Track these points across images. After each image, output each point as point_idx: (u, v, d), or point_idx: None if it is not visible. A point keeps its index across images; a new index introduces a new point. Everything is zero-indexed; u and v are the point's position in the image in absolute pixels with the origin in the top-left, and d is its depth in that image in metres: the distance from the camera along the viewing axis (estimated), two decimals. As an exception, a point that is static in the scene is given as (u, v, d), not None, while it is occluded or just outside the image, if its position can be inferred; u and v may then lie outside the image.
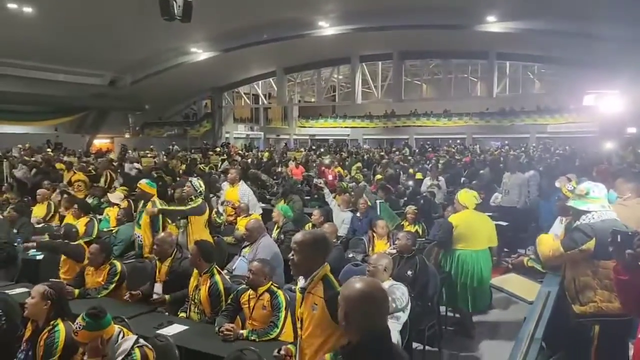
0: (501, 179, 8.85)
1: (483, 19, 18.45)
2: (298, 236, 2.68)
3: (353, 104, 27.31)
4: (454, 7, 17.16)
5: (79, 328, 2.72)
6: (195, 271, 4.19)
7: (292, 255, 2.63)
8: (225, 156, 18.14)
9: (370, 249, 5.72)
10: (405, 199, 9.41)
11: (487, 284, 5.14)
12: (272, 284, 3.83)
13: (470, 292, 5.08)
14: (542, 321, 3.14)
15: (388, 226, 5.97)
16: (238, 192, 7.54)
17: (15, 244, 5.84)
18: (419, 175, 11.62)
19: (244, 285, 3.95)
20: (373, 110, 33.02)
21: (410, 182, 10.82)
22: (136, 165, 14.05)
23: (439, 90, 27.37)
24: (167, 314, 4.23)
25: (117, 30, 17.72)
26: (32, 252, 6.08)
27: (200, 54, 23.00)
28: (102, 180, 10.93)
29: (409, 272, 4.60)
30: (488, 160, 15.78)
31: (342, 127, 34.34)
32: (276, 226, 6.07)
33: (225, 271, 4.93)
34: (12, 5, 15.27)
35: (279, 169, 15.07)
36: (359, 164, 15.15)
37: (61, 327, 3.05)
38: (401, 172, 13.07)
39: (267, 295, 3.75)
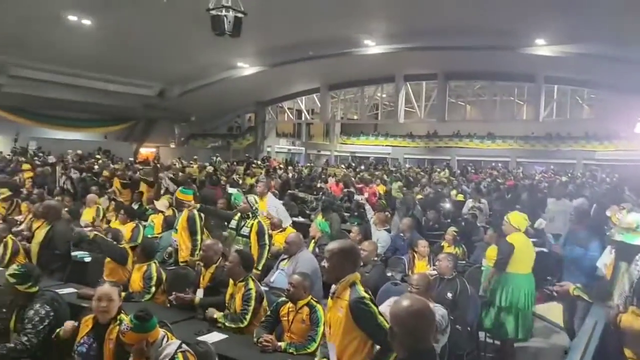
0: (540, 204, 8.62)
1: (531, 41, 18.17)
2: (329, 245, 2.95)
3: (395, 123, 27.28)
4: (502, 29, 16.96)
5: (127, 329, 2.82)
6: (231, 280, 4.25)
7: (324, 262, 2.89)
8: (265, 169, 18.41)
9: (410, 269, 5.67)
10: (448, 220, 9.27)
11: (530, 311, 5.00)
12: (311, 298, 3.85)
13: (514, 318, 4.94)
14: (587, 355, 3.02)
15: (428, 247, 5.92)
16: (266, 205, 7.62)
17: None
18: (460, 197, 11.45)
19: (283, 298, 3.98)
20: (415, 130, 32.82)
21: (448, 205, 10.61)
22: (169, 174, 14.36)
23: (483, 112, 27.00)
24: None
25: (168, 43, 18.38)
26: (80, 254, 6.31)
27: (246, 68, 23.53)
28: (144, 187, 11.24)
29: (449, 295, 4.53)
30: (527, 185, 15.39)
31: (383, 145, 34.25)
32: (312, 241, 6.10)
33: (264, 284, 4.99)
34: (72, 18, 16.07)
35: (319, 185, 15.17)
36: (400, 183, 15.06)
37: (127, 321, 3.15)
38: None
39: (306, 309, 3.77)
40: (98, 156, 20.22)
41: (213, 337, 3.70)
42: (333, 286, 2.84)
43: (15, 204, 8.52)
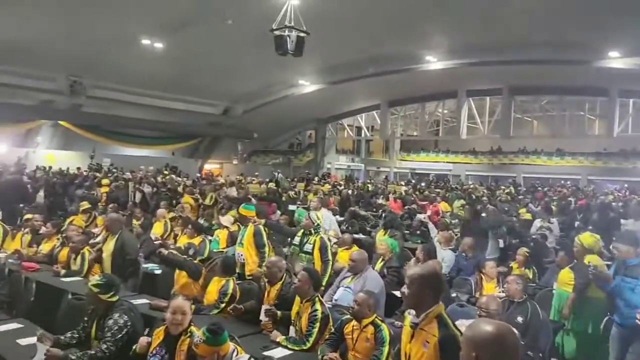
0: (614, 225, 8.11)
1: (604, 54, 17.35)
2: (412, 270, 2.76)
3: (457, 139, 26.73)
4: (573, 42, 16.33)
5: (199, 342, 2.90)
6: (298, 298, 4.27)
7: (405, 287, 2.69)
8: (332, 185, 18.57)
9: (478, 290, 5.49)
10: (516, 240, 8.91)
11: (606, 336, 4.69)
12: (376, 317, 3.81)
13: (591, 344, 4.66)
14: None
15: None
16: (321, 221, 7.67)
17: (138, 257, 6.36)
18: (527, 216, 10.99)
19: (347, 316, 3.96)
20: (478, 146, 31.99)
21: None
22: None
23: (551, 127, 25.92)
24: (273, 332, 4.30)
25: (233, 63, 19.03)
26: (150, 266, 6.58)
27: (307, 86, 23.93)
28: (207, 200, 11.60)
29: (520, 319, 4.34)
30: (599, 205, 14.50)
31: (444, 161, 33.62)
32: (381, 259, 6.03)
33: (327, 300, 4.98)
34: (145, 41, 17.00)
35: (379, 201, 15.07)
36: (462, 201, 14.68)
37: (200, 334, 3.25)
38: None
39: (371, 328, 3.73)
40: (165, 172, 21.11)
41: (278, 353, 3.73)
42: (412, 314, 2.69)
43: (93, 217, 9.01)
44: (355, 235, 8.57)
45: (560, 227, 9.68)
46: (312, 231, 6.05)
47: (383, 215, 11.97)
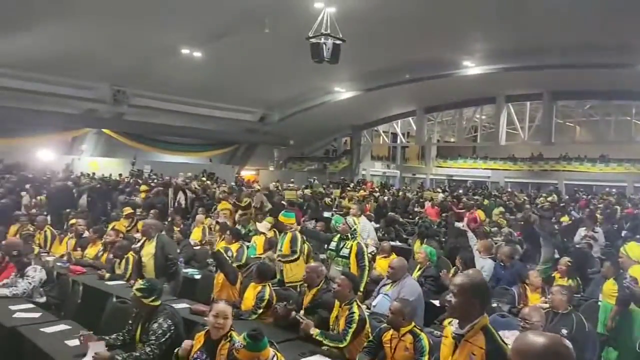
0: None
1: (651, 57, 16.74)
2: (458, 279, 2.67)
3: (496, 145, 26.23)
4: (616, 44, 15.81)
5: (240, 347, 2.94)
6: (337, 302, 4.28)
7: (450, 297, 2.62)
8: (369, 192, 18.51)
9: (522, 301, 5.34)
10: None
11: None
12: (414, 326, 3.77)
13: (635, 359, 4.48)
14: None
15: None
16: (359, 227, 7.64)
17: (179, 262, 6.49)
18: (569, 224, 10.66)
19: (385, 324, 3.94)
20: (517, 152, 31.25)
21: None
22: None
23: (595, 133, 25.15)
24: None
25: (270, 71, 19.27)
26: (190, 271, 6.72)
27: (343, 92, 23.98)
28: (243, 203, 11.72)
29: (564, 331, 4.21)
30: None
31: (482, 168, 32.96)
32: (419, 267, 5.97)
33: (365, 306, 4.97)
34: (185, 51, 17.42)
35: (415, 209, 14.93)
36: (502, 208, 14.38)
37: (237, 340, 3.29)
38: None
39: (409, 337, 3.69)
40: (203, 178, 21.49)
41: (316, 360, 3.74)
42: (454, 325, 2.63)
43: (135, 222, 9.26)
44: (392, 243, 8.52)
45: (605, 236, 9.35)
46: (349, 236, 6.06)
47: (419, 222, 11.90)
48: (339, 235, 6.16)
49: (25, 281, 5.12)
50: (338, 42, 12.54)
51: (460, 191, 22.51)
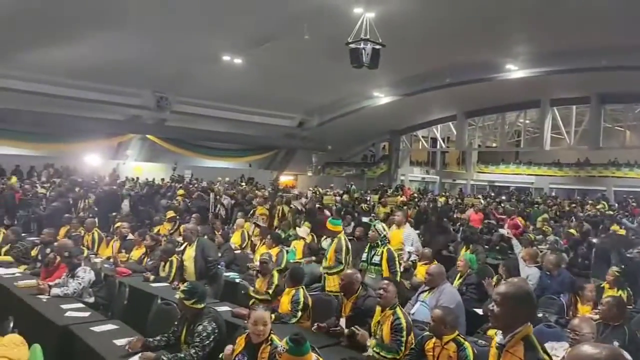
0: None
1: None
2: (502, 287, 2.56)
3: (540, 150, 25.50)
4: (670, 45, 15.14)
5: (283, 351, 2.96)
6: (378, 308, 4.24)
7: (493, 306, 2.52)
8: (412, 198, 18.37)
9: (573, 313, 5.16)
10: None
11: None
12: (458, 335, 3.70)
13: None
14: None
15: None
16: (402, 235, 7.56)
17: (220, 266, 6.61)
18: (621, 232, 10.25)
19: (427, 332, 3.88)
20: (562, 158, 30.28)
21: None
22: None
23: (646, 138, 24.13)
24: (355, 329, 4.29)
25: (309, 77, 19.38)
26: (232, 275, 6.82)
27: (381, 97, 23.85)
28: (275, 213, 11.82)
29: (616, 344, 4.04)
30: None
31: (525, 174, 32.09)
32: (459, 275, 5.86)
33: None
34: (226, 58, 17.74)
35: (456, 215, 14.68)
36: (546, 215, 13.98)
37: (278, 343, 3.31)
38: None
39: (453, 346, 3.62)
40: (243, 183, 21.80)
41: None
42: (499, 335, 2.54)
43: (177, 226, 9.48)
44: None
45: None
46: (379, 243, 6.04)
47: (461, 229, 11.69)
48: (369, 244, 6.14)
49: (75, 281, 5.31)
50: (377, 47, 12.53)
51: (503, 197, 22.02)
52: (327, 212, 12.46)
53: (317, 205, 13.54)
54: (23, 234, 8.11)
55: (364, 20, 12.77)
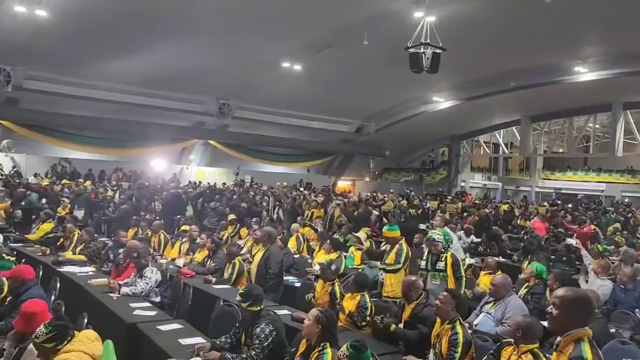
0: None
1: None
2: (560, 291, 2.59)
3: (611, 156, 24.18)
4: None
5: (343, 356, 2.96)
6: (439, 319, 4.16)
7: (551, 309, 2.55)
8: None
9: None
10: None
11: None
12: (537, 347, 3.54)
13: None
14: None
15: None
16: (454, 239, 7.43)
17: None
18: None
19: (507, 339, 3.73)
20: (636, 164, 28.55)
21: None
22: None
23: None
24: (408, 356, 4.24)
25: (367, 82, 19.38)
26: (291, 279, 6.89)
27: (441, 102, 23.46)
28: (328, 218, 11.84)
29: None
30: None
31: (594, 181, 30.48)
32: (525, 285, 5.63)
33: (467, 324, 4.78)
34: (285, 64, 18.04)
35: (519, 222, 14.16)
36: (617, 225, 13.20)
37: (329, 351, 3.34)
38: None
39: (529, 357, 3.47)
40: (301, 188, 22.00)
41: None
42: (559, 338, 2.55)
43: (238, 229, 9.72)
44: (495, 259, 8.14)
45: None
46: (443, 249, 5.93)
47: (525, 237, 11.26)
48: (427, 250, 6.05)
49: (143, 281, 5.55)
50: (438, 51, 12.32)
51: (570, 205, 21.02)
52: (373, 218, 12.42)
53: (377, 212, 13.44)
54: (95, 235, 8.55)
55: (424, 24, 12.60)
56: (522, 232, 12.38)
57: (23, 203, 11.24)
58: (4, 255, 4.99)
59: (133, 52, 15.97)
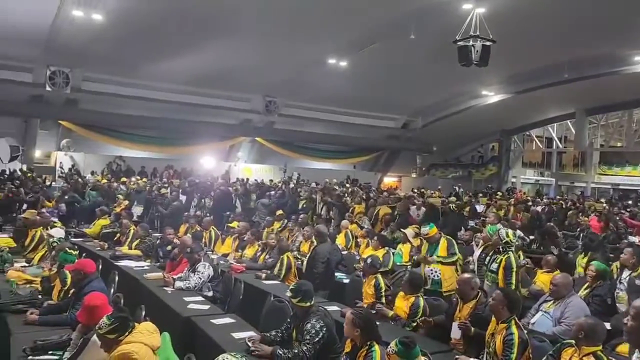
0: None
1: None
2: (638, 302, 2.46)
3: (675, 150, 22.90)
4: None
5: (391, 352, 2.94)
6: (493, 318, 4.05)
7: (628, 320, 2.44)
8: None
9: None
10: None
11: None
12: (600, 349, 3.39)
13: None
14: None
15: None
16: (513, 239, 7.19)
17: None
18: None
19: (568, 340, 3.60)
20: (702, 158, 27.00)
21: None
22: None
23: None
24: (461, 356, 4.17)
25: (414, 77, 19.06)
26: (339, 275, 6.90)
27: (491, 96, 22.83)
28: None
29: None
30: None
31: (656, 176, 29.02)
32: (586, 285, 5.40)
33: (523, 322, 4.64)
34: (331, 61, 18.02)
35: (576, 220, 13.62)
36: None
37: (377, 348, 3.33)
38: None
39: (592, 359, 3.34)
40: (347, 185, 21.98)
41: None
42: (636, 354, 2.42)
43: (285, 225, 9.81)
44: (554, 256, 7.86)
45: None
46: (500, 249, 5.73)
47: (581, 235, 10.85)
48: (482, 247, 5.92)
49: (196, 276, 5.69)
50: (488, 43, 11.99)
51: (629, 202, 20.07)
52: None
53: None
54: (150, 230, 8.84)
55: (473, 16, 12.29)
56: (578, 229, 11.92)
57: (67, 197, 11.76)
58: (67, 249, 5.22)
59: (182, 53, 16.38)
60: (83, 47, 15.35)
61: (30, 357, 3.56)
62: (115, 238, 8.63)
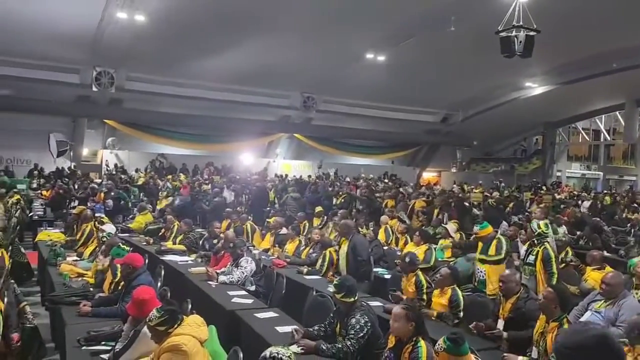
0: None
1: None
2: None
3: None
4: None
5: (440, 349, 2.91)
6: (543, 316, 3.94)
7: None
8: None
9: None
10: None
11: None
12: None
13: None
14: None
15: None
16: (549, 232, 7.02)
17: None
18: None
19: (621, 339, 3.47)
20: None
21: None
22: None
23: None
24: (504, 355, 4.09)
25: (454, 70, 18.72)
26: (380, 270, 6.87)
27: (534, 88, 22.19)
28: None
29: None
30: None
31: None
32: (635, 287, 5.17)
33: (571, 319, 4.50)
34: (369, 56, 17.90)
35: (626, 215, 13.12)
36: None
37: (423, 344, 3.30)
38: None
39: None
40: (386, 180, 21.85)
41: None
42: None
43: (325, 221, 9.84)
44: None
45: None
46: (535, 242, 5.75)
47: (632, 231, 10.44)
48: (528, 242, 5.85)
49: (239, 270, 5.78)
50: (532, 33, 11.64)
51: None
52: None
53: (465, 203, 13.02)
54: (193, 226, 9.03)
55: (516, 5, 11.94)
56: (629, 224, 11.47)
57: (113, 193, 12.15)
58: (120, 244, 5.41)
59: (222, 51, 16.62)
60: (127, 48, 15.80)
61: (84, 347, 3.71)
62: (160, 233, 8.86)
